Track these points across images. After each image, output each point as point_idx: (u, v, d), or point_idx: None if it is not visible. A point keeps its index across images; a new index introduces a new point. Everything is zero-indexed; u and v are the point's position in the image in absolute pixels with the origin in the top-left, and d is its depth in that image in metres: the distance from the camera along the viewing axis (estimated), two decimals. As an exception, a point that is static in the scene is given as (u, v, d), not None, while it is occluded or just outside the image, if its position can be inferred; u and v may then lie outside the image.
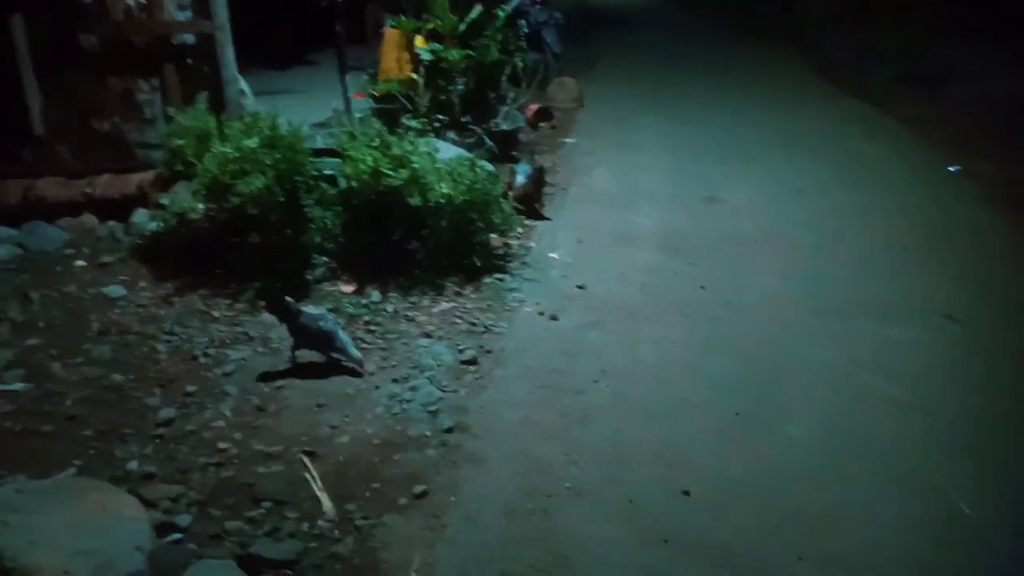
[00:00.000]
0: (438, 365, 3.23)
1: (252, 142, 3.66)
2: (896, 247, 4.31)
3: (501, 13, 5.56)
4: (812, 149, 6.24)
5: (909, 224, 4.62)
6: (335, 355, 3.20)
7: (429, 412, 2.92)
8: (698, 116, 7.51)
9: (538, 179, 4.98)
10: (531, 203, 4.88)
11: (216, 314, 3.61)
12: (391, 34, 5.38)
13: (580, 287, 3.98)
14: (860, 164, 5.82)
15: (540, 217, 4.88)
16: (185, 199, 4.01)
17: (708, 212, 4.98)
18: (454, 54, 5.05)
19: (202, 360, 3.25)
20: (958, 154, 5.84)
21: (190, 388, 3.04)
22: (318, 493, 2.47)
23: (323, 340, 3.18)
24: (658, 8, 18.18)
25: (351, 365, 3.19)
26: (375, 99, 5.29)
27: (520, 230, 4.73)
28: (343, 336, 3.21)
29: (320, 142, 4.64)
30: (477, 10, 5.32)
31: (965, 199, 4.99)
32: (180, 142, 3.83)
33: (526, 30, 8.35)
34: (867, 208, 4.93)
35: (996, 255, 4.17)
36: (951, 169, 5.46)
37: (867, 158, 5.96)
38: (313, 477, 2.54)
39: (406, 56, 5.24)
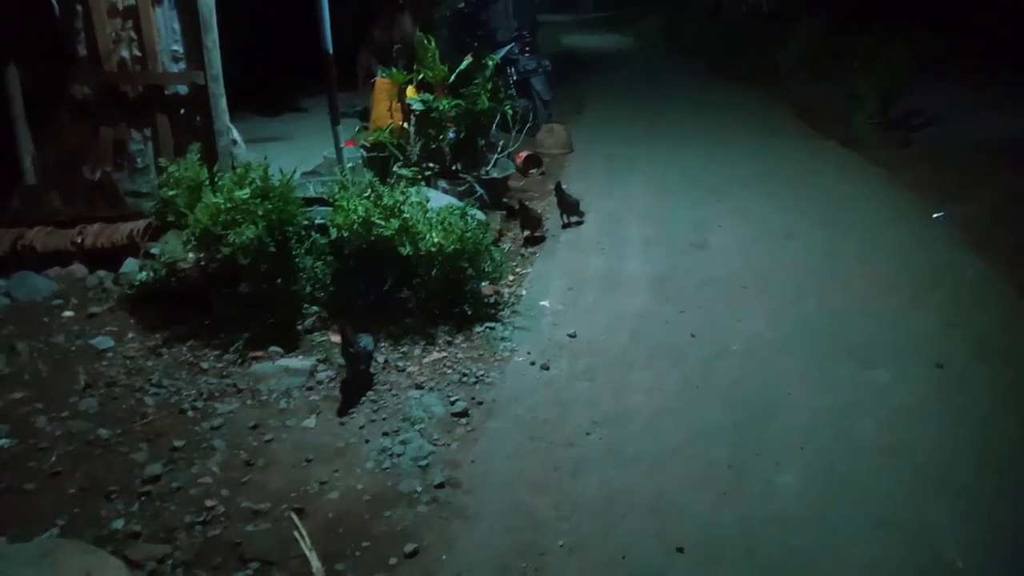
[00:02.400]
0: (429, 417, 3.21)
1: (244, 193, 3.68)
2: (882, 292, 4.34)
3: (490, 62, 5.66)
4: (794, 191, 6.32)
5: (893, 268, 4.67)
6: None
7: (420, 467, 2.89)
8: (684, 159, 7.62)
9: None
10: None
11: (205, 366, 3.58)
12: (382, 83, 5.47)
13: (571, 335, 3.99)
14: (842, 207, 5.90)
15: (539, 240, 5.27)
16: (176, 249, 4.02)
17: (697, 256, 5.03)
18: (444, 104, 5.13)
19: (190, 414, 3.22)
20: (936, 197, 5.93)
21: (177, 443, 3.00)
22: (307, 552, 2.43)
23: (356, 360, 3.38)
24: (642, 53, 18.62)
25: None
26: (366, 148, 5.34)
27: (511, 277, 4.76)
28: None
29: (311, 190, 4.68)
30: (467, 61, 5.42)
31: (946, 242, 5.05)
32: (172, 193, 3.85)
33: (515, 77, 8.56)
34: (851, 251, 4.98)
35: (979, 299, 4.21)
36: (935, 215, 5.54)
37: (848, 201, 6.05)
38: (302, 535, 2.50)
39: (397, 105, 5.32)
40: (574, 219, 5.71)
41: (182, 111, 4.51)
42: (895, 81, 7.70)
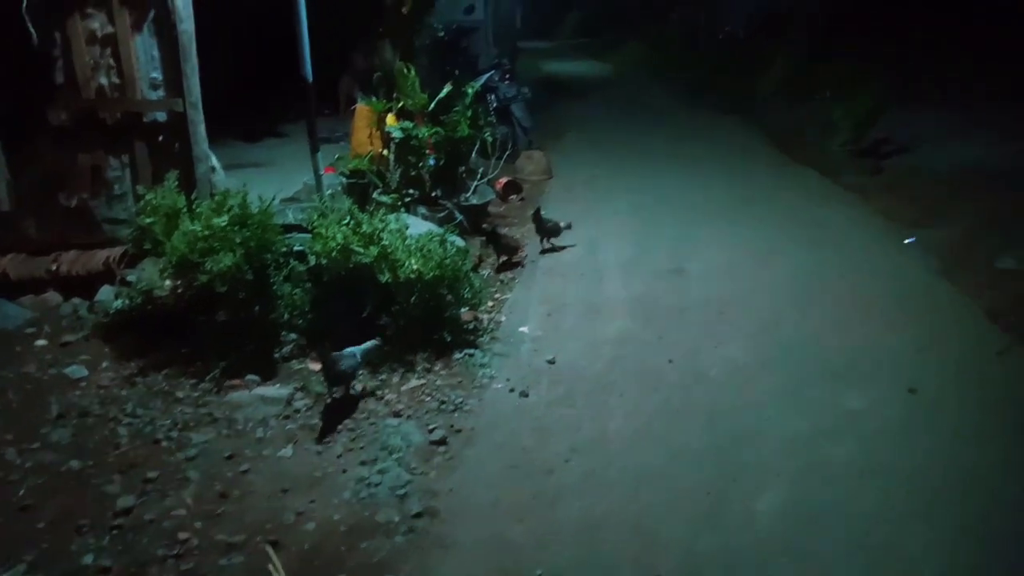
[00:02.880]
0: (407, 446, 3.20)
1: (222, 220, 3.68)
2: (855, 317, 4.40)
3: (470, 90, 5.72)
4: (771, 217, 6.42)
5: (867, 293, 4.74)
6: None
7: (397, 496, 2.87)
8: (662, 185, 7.71)
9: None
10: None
11: (180, 395, 3.54)
12: (362, 111, 5.50)
13: (550, 361, 3.99)
14: (817, 233, 5.99)
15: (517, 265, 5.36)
16: (152, 276, 3.99)
17: (674, 281, 5.07)
18: (424, 131, 5.17)
19: (164, 444, 3.18)
20: (908, 223, 6.05)
21: (151, 474, 2.96)
22: (282, 586, 2.40)
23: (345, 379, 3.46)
24: (620, 79, 18.87)
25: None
26: (346, 175, 5.36)
27: (491, 303, 4.77)
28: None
29: (291, 217, 4.68)
30: (446, 89, 5.48)
31: (918, 267, 5.15)
32: (149, 220, 3.83)
33: (495, 104, 8.65)
34: (825, 277, 5.06)
35: (950, 324, 4.28)
36: (907, 241, 5.65)
37: (823, 227, 6.15)
38: (276, 568, 2.47)
39: (378, 132, 5.35)
40: (553, 244, 5.75)
41: (160, 138, 4.49)
42: (867, 109, 7.87)
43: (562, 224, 5.75)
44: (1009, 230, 5.59)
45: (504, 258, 5.39)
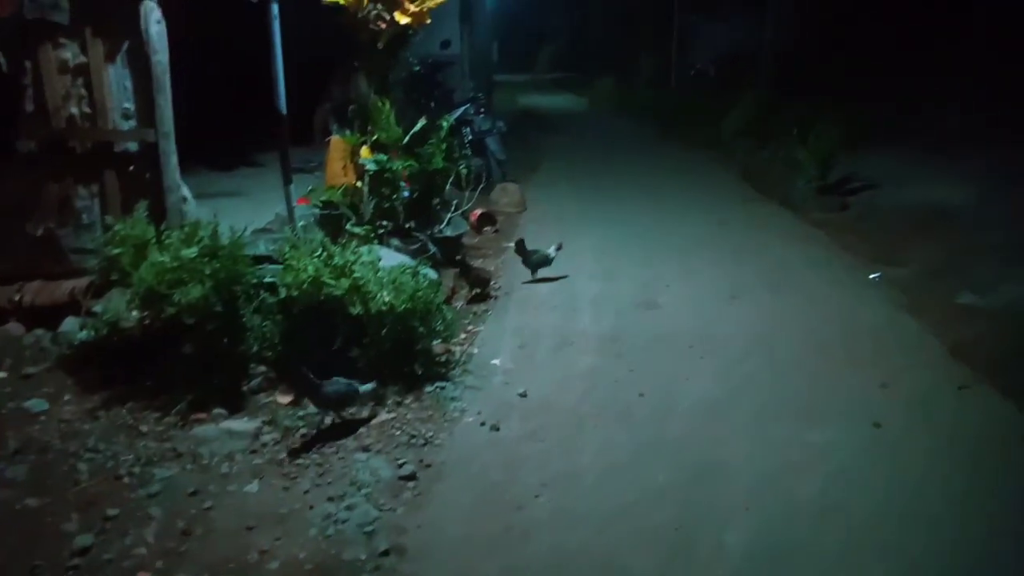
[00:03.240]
0: (376, 481, 3.16)
1: (191, 252, 3.64)
2: (822, 351, 4.47)
3: (445, 123, 5.77)
4: (739, 252, 6.52)
5: (833, 328, 4.83)
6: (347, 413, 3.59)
7: (365, 533, 2.83)
8: (634, 220, 7.82)
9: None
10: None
11: (144, 429, 3.48)
12: (337, 143, 5.52)
13: (522, 395, 3.99)
14: (784, 268, 6.10)
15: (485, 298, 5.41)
16: (119, 307, 3.93)
17: (646, 316, 5.12)
18: (398, 164, 5.19)
19: (126, 480, 3.10)
20: (872, 259, 6.20)
21: (111, 511, 2.88)
22: (243, 628, 2.34)
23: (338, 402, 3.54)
24: (594, 114, 19.21)
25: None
26: (319, 206, 5.35)
27: (463, 335, 4.76)
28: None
29: (262, 248, 4.65)
30: (421, 123, 5.52)
31: (882, 303, 5.25)
32: (117, 251, 3.78)
33: (470, 138, 8.73)
34: (793, 311, 5.14)
35: (914, 359, 4.36)
36: (872, 276, 5.77)
37: (791, 262, 6.26)
38: (239, 610, 2.41)
39: (352, 164, 5.36)
40: (539, 275, 5.80)
41: (131, 168, 4.46)
42: (831, 148, 8.09)
43: (551, 251, 5.76)
44: (969, 267, 5.75)
45: (476, 290, 5.41)
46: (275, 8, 4.63)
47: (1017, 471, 3.25)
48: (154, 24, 4.26)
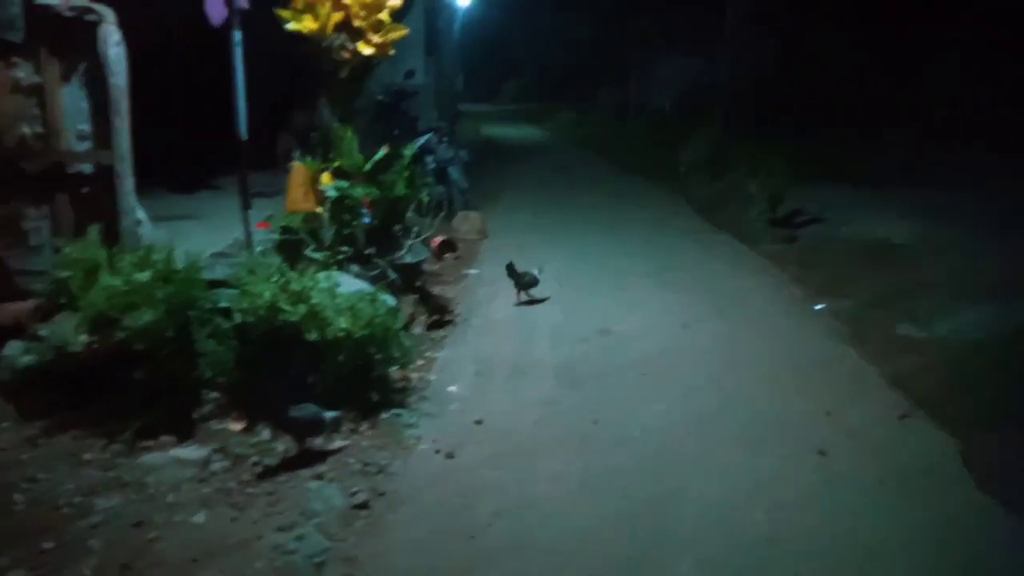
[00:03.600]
0: (328, 510, 3.13)
1: (144, 276, 3.60)
2: (769, 381, 4.59)
3: (408, 151, 5.82)
4: (692, 282, 6.66)
5: (780, 357, 4.96)
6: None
7: (315, 564, 2.80)
8: (592, 249, 7.94)
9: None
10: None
11: (88, 457, 3.39)
12: (298, 169, 5.51)
13: (478, 422, 4.01)
14: (734, 298, 6.26)
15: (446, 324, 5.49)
16: (66, 332, 3.83)
17: (600, 344, 5.19)
18: (359, 191, 5.21)
19: (65, 511, 3.01)
20: (818, 290, 6.39)
21: (46, 544, 2.78)
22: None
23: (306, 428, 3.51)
24: (555, 145, 19.49)
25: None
26: (279, 231, 5.32)
27: (421, 362, 4.77)
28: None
29: (219, 272, 4.60)
30: (382, 151, 5.56)
31: (827, 334, 5.42)
32: (66, 273, 3.71)
33: (433, 166, 8.79)
34: (742, 341, 5.27)
35: (856, 389, 4.50)
36: (817, 307, 5.95)
37: (741, 292, 6.42)
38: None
39: (313, 190, 5.36)
40: (531, 296, 5.96)
41: (85, 190, 4.40)
42: (781, 183, 8.36)
43: (535, 271, 5.97)
44: (908, 300, 5.97)
45: (435, 317, 5.43)
46: (238, 35, 4.64)
47: (954, 500, 3.36)
48: (113, 46, 4.24)
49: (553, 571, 2.83)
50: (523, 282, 5.95)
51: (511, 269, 5.96)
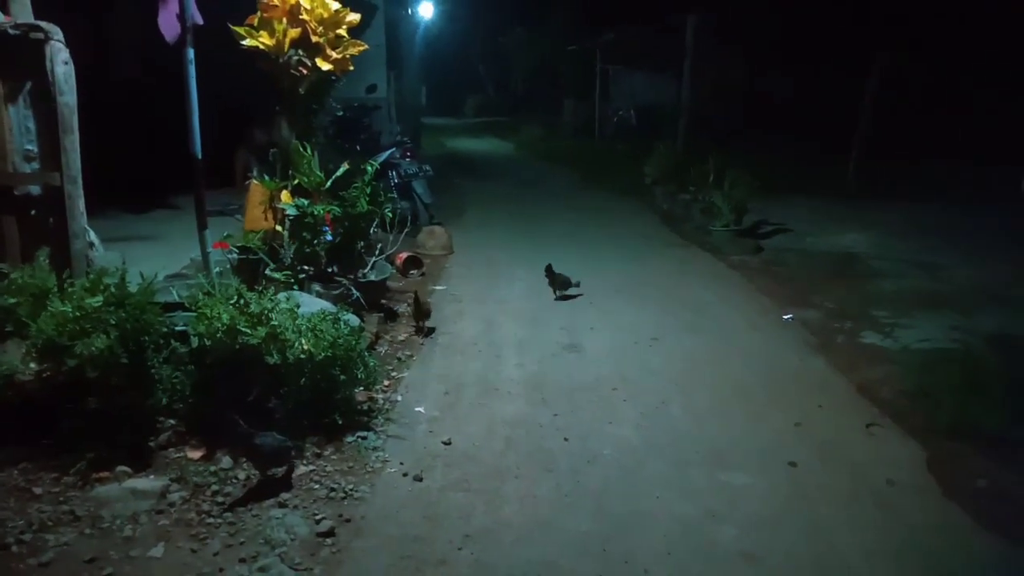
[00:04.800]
0: (291, 539, 3.03)
1: (95, 301, 3.47)
2: (739, 394, 4.60)
3: (370, 167, 5.75)
4: (661, 295, 6.68)
5: (749, 370, 4.97)
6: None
7: (278, 597, 2.70)
8: (560, 264, 7.88)
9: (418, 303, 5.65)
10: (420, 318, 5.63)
11: (38, 491, 3.24)
12: (256, 187, 5.41)
13: (446, 443, 3.93)
14: (703, 310, 6.29)
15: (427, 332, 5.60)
16: (14, 360, 3.69)
17: (570, 360, 5.16)
18: (319, 209, 5.12)
19: (14, 548, 2.87)
20: (785, 301, 6.46)
21: (-6, 585, 2.66)
22: None
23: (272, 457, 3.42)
24: (521, 159, 19.54)
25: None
26: (239, 250, 5.21)
27: (387, 382, 4.68)
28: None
29: (175, 295, 4.47)
30: (343, 168, 5.48)
31: (795, 344, 5.46)
32: (12, 300, 3.56)
33: (396, 181, 8.72)
34: (711, 354, 5.28)
35: (825, 399, 4.53)
36: (786, 318, 6.01)
37: (708, 304, 6.46)
38: None
39: (272, 208, 5.26)
40: (567, 294, 6.55)
41: (33, 213, 4.24)
42: (745, 194, 8.47)
43: (573, 280, 6.58)
44: (872, 308, 6.08)
45: (421, 323, 5.62)
46: (191, 52, 4.54)
47: (921, 510, 3.39)
48: (60, 65, 4.11)
49: (525, 596, 2.77)
50: (559, 282, 6.54)
51: (549, 270, 6.60)
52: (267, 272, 4.97)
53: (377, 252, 5.93)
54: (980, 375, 4.18)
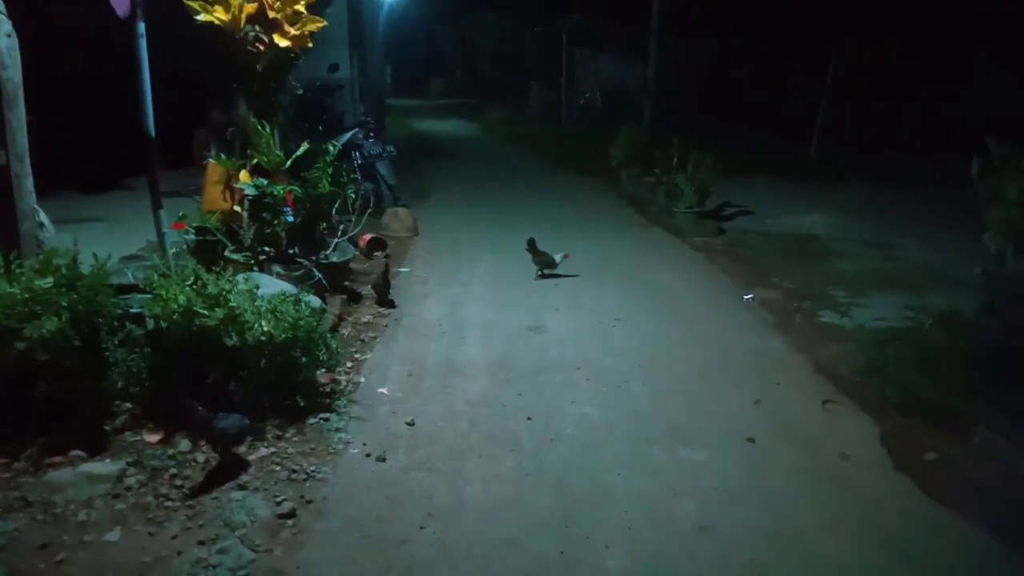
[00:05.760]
0: (252, 521, 3.00)
1: (46, 282, 3.37)
2: (700, 372, 4.67)
3: (332, 148, 5.66)
4: (624, 277, 6.72)
5: (710, 349, 5.05)
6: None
7: (238, 578, 2.67)
8: (523, 244, 7.90)
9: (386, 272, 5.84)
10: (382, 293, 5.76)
11: (-13, 477, 3.16)
12: (214, 167, 5.30)
13: (410, 424, 3.93)
14: (666, 290, 6.35)
15: (390, 305, 5.73)
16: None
17: (534, 341, 5.17)
18: (279, 189, 5.03)
19: (-38, 536, 2.80)
20: (746, 281, 6.56)
21: (-59, 574, 2.59)
22: None
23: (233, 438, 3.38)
24: (487, 140, 19.44)
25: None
26: (196, 230, 5.10)
27: (350, 364, 4.65)
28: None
29: (130, 276, 4.37)
30: (303, 147, 5.39)
31: (755, 324, 5.55)
32: (-44, 283, 3.44)
33: (359, 162, 8.61)
34: (673, 333, 5.34)
35: (783, 376, 4.62)
36: (746, 298, 6.10)
37: (671, 285, 6.53)
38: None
39: (230, 188, 5.15)
40: (550, 273, 6.57)
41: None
42: (708, 177, 8.55)
43: (558, 258, 6.54)
44: (830, 288, 6.21)
45: (380, 296, 5.74)
46: (142, 26, 4.40)
47: (874, 482, 3.48)
48: (3, 38, 3.95)
49: (486, 573, 2.79)
50: (542, 261, 6.51)
51: (532, 245, 6.57)
52: (226, 253, 4.88)
53: (340, 234, 5.86)
54: (930, 352, 4.29)
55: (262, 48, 4.98)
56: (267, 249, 5.12)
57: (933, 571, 2.87)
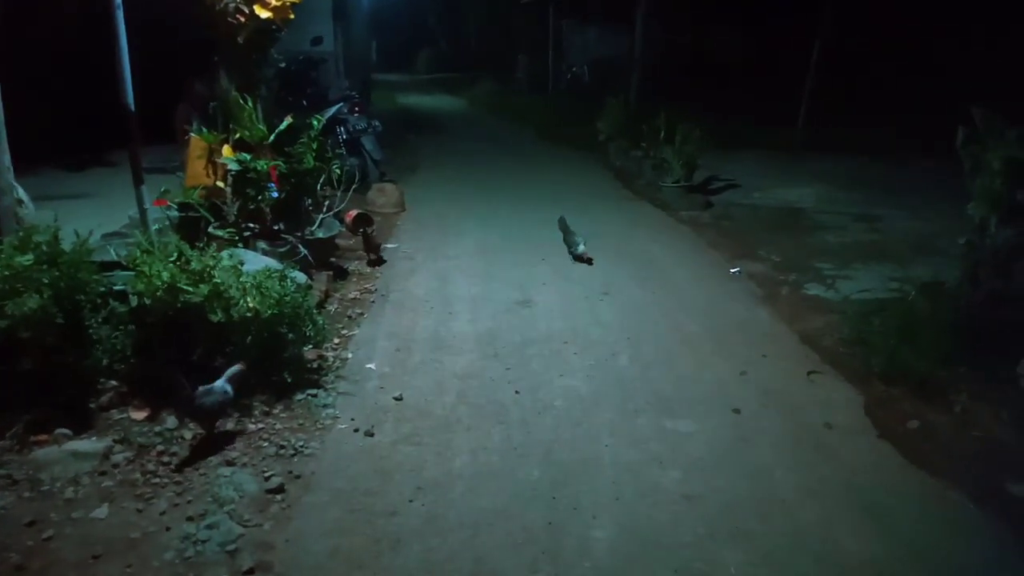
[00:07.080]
0: (240, 497, 3.01)
1: (26, 259, 3.33)
2: (686, 344, 4.69)
3: (316, 122, 5.58)
4: (612, 250, 6.70)
5: (697, 321, 5.07)
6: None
7: (227, 552, 2.69)
8: (512, 219, 7.88)
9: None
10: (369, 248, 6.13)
11: (-29, 455, 3.14)
12: (196, 141, 5.23)
13: (397, 399, 3.93)
14: (653, 264, 6.36)
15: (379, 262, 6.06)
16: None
17: (522, 315, 5.18)
18: (263, 164, 4.97)
19: (-52, 514, 2.79)
20: (733, 254, 6.58)
21: (-73, 552, 2.58)
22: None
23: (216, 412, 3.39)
24: (474, 115, 19.26)
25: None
26: (179, 207, 5.04)
27: (337, 340, 4.64)
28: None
29: (112, 253, 4.32)
30: (287, 121, 5.32)
31: (741, 296, 5.58)
32: (-66, 262, 3.39)
33: (344, 137, 8.52)
34: (660, 306, 5.36)
35: (768, 348, 4.65)
36: (733, 271, 6.12)
37: (659, 259, 6.53)
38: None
39: (213, 163, 5.09)
40: (580, 254, 6.38)
41: (-46, 168, 4.02)
42: (695, 150, 8.53)
43: (585, 254, 6.36)
44: (816, 261, 6.24)
45: (372, 256, 6.05)
46: (119, -5, 4.31)
47: (858, 450, 3.53)
48: (-23, 8, 3.86)
49: (474, 543, 2.82)
50: (571, 240, 6.56)
51: (563, 223, 6.87)
52: (209, 229, 4.83)
53: (325, 209, 5.81)
54: (914, 322, 4.33)
55: (243, 19, 4.89)
56: (251, 225, 5.07)
57: (915, 537, 2.92)
